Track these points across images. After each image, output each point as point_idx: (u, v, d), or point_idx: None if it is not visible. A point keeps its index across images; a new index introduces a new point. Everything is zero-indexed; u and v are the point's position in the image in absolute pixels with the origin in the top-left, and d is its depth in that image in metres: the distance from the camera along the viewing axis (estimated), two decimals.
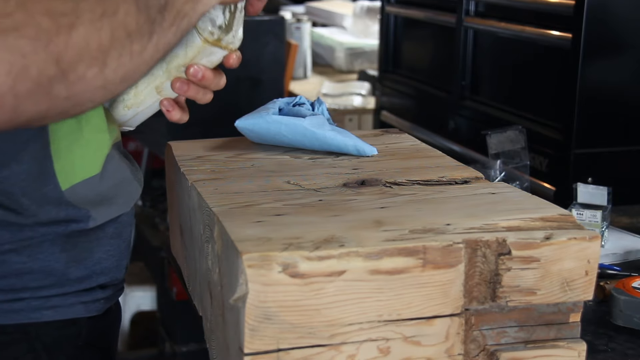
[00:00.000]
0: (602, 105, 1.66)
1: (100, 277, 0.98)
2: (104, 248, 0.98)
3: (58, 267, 0.94)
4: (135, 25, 0.77)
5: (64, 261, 0.94)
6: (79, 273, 0.96)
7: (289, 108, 1.13)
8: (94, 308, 0.98)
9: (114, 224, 0.99)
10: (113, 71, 0.75)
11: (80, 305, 0.96)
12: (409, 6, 2.42)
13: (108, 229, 0.98)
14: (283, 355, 0.75)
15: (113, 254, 1.00)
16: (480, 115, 2.03)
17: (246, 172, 1.03)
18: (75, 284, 0.96)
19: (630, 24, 1.66)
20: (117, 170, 0.99)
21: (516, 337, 0.82)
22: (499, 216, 0.85)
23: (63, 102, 0.73)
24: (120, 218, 1.01)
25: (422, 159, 1.09)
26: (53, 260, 0.93)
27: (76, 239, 0.95)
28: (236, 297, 0.74)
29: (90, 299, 0.97)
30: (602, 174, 1.63)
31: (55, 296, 0.94)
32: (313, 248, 0.75)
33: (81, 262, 0.96)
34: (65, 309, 0.95)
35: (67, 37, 0.70)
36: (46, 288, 0.93)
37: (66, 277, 0.95)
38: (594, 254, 0.82)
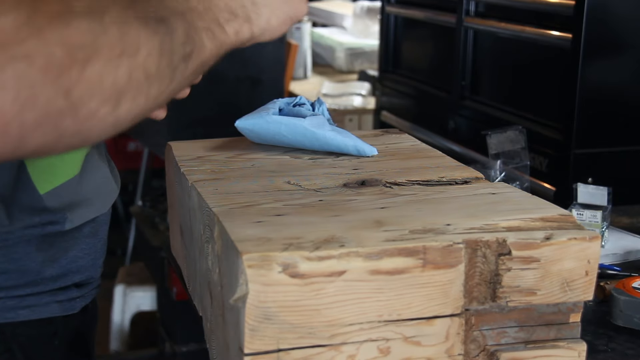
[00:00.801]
0: (602, 105, 1.66)
1: (76, 276, 0.99)
2: (79, 247, 0.99)
3: (33, 267, 0.94)
4: (156, 70, 0.72)
5: (40, 260, 0.95)
6: (54, 272, 0.97)
7: (289, 108, 1.13)
8: (69, 307, 0.99)
9: (90, 223, 1.01)
10: (126, 111, 0.71)
11: (55, 304, 0.97)
12: (409, 6, 2.42)
13: (84, 228, 1.00)
14: (283, 355, 0.75)
15: (89, 253, 1.01)
16: (480, 115, 2.03)
17: (246, 172, 1.02)
18: (50, 282, 0.96)
19: (630, 24, 1.66)
20: (97, 170, 1.00)
21: (516, 337, 0.82)
22: (499, 216, 0.85)
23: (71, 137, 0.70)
24: (97, 218, 1.02)
25: (422, 159, 1.09)
26: (28, 260, 0.94)
27: (52, 239, 0.96)
28: (236, 297, 0.74)
29: (65, 298, 0.98)
30: (602, 174, 1.63)
31: (30, 295, 0.95)
32: (313, 248, 0.75)
33: (56, 261, 0.97)
34: (41, 308, 0.96)
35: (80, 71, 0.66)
36: (21, 287, 0.94)
37: (41, 276, 0.95)
38: (594, 254, 0.82)
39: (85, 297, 1.02)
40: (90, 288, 1.03)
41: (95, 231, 1.02)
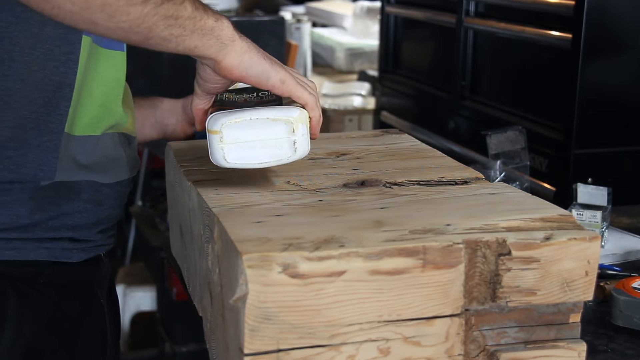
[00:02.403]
0: (602, 105, 1.66)
1: (68, 232, 1.05)
2: (76, 208, 1.05)
3: (23, 213, 1.01)
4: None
5: (29, 209, 1.01)
6: (45, 222, 1.02)
7: None
8: (62, 255, 1.05)
9: (90, 190, 1.05)
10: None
11: (42, 250, 1.03)
12: (409, 6, 2.42)
13: (83, 193, 1.05)
14: (283, 355, 0.75)
15: (86, 217, 1.06)
16: (480, 115, 2.03)
17: (246, 172, 1.03)
18: (39, 231, 1.02)
19: (630, 24, 1.66)
20: (112, 148, 1.07)
21: (516, 337, 0.82)
22: (499, 216, 0.85)
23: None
24: (100, 188, 1.06)
25: (422, 160, 1.09)
26: (18, 206, 1.01)
27: (46, 192, 1.02)
28: (236, 297, 0.74)
29: (55, 247, 1.04)
30: (602, 174, 1.63)
31: (17, 240, 1.01)
32: (313, 248, 0.75)
33: (47, 213, 1.02)
34: (26, 251, 1.02)
35: None
36: (8, 231, 1.01)
37: (30, 224, 1.02)
38: (594, 255, 0.82)
39: (87, 251, 1.07)
40: (90, 245, 1.07)
41: (98, 200, 1.06)
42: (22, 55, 0.97)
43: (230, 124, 0.93)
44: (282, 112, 0.94)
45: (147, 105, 1.34)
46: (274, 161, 0.94)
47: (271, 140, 0.94)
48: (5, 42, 0.96)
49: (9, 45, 0.96)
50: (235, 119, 0.93)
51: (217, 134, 0.93)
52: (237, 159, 0.93)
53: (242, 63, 0.93)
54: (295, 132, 0.93)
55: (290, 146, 0.94)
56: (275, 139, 0.94)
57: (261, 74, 0.94)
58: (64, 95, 1.00)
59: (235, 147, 0.93)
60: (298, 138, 0.93)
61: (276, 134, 0.94)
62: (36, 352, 1.02)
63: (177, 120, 1.34)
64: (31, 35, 0.97)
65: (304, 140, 0.94)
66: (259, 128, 0.93)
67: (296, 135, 0.93)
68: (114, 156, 1.08)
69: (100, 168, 1.06)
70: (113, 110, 1.06)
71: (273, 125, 0.93)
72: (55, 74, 0.99)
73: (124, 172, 1.10)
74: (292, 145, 0.93)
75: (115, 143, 1.08)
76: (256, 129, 0.93)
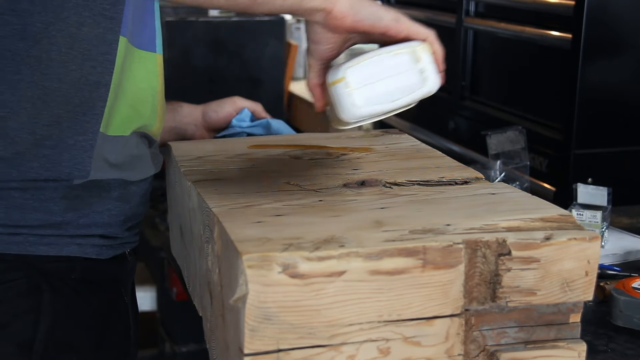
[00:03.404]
0: (602, 105, 1.66)
1: (99, 229, 1.06)
2: (106, 206, 1.06)
3: (56, 211, 1.02)
4: None
5: (63, 207, 1.02)
6: (76, 220, 1.04)
7: None
8: (92, 251, 1.06)
9: (119, 188, 1.06)
10: None
11: (74, 246, 1.04)
12: (409, 6, 2.42)
13: (113, 191, 1.06)
14: (283, 355, 0.75)
15: (116, 214, 1.07)
16: (480, 115, 2.03)
17: (246, 173, 1.03)
18: (71, 228, 1.04)
19: (630, 24, 1.66)
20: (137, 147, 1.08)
21: (516, 337, 0.82)
22: (499, 216, 0.85)
23: None
24: (128, 186, 1.07)
25: (422, 160, 1.09)
26: (52, 204, 1.01)
27: (78, 192, 1.02)
28: (236, 297, 0.74)
29: (86, 243, 1.05)
30: (602, 174, 1.63)
31: (51, 236, 1.03)
32: (313, 248, 0.75)
33: (79, 211, 1.04)
34: (60, 247, 1.03)
35: None
36: (43, 227, 1.02)
37: (63, 221, 1.03)
38: (594, 255, 0.82)
39: (114, 248, 1.08)
40: (119, 242, 1.09)
41: (126, 198, 1.08)
42: (59, 54, 0.97)
43: (354, 67, 0.90)
44: (403, 45, 0.92)
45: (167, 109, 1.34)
46: (406, 96, 0.92)
47: (398, 74, 0.92)
48: (44, 42, 0.96)
49: (48, 44, 0.97)
50: (357, 61, 0.91)
51: (341, 81, 0.90)
52: (368, 103, 0.90)
53: (353, 8, 0.91)
54: (420, 61, 0.92)
55: (418, 76, 0.91)
56: (401, 72, 0.92)
57: (373, 15, 0.92)
58: (101, 95, 1.00)
59: (364, 90, 0.90)
60: (425, 66, 0.92)
61: (402, 66, 0.91)
62: (68, 347, 1.03)
63: (196, 126, 1.35)
64: (69, 35, 0.97)
65: (431, 70, 0.92)
66: (383, 64, 0.91)
67: (422, 64, 0.92)
68: (138, 154, 1.08)
69: (128, 166, 1.07)
70: (142, 112, 1.07)
71: (397, 59, 0.91)
72: (92, 74, 1.00)
73: (149, 168, 1.11)
74: (420, 74, 0.92)
75: (139, 141, 1.09)
76: (381, 66, 0.91)
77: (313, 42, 0.95)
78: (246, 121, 1.33)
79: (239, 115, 1.34)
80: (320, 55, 0.96)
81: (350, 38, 0.97)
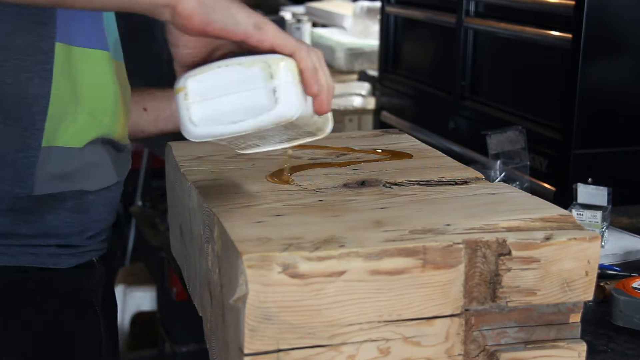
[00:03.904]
0: (602, 105, 1.66)
1: (54, 239, 1.01)
2: (60, 217, 1.00)
3: (4, 223, 0.97)
4: None
5: (10, 218, 0.97)
6: (28, 231, 0.98)
7: None
8: (50, 261, 1.00)
9: (74, 199, 1.01)
10: None
11: (29, 256, 0.99)
12: (409, 6, 2.42)
13: (67, 202, 1.00)
14: (283, 355, 0.75)
15: (72, 225, 1.01)
16: (480, 115, 2.03)
17: (246, 173, 1.02)
18: (23, 238, 0.98)
19: (630, 24, 1.66)
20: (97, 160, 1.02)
21: (516, 337, 0.82)
22: (499, 216, 0.85)
23: None
24: (85, 196, 1.02)
25: (422, 160, 1.09)
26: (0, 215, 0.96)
27: (24, 204, 0.97)
28: (236, 297, 0.74)
29: (42, 252, 1.00)
30: (602, 174, 1.63)
31: (1, 245, 0.97)
32: (313, 248, 0.75)
33: (30, 223, 0.98)
34: (10, 257, 0.98)
35: None
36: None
37: (12, 232, 0.97)
38: (594, 255, 0.82)
39: (77, 256, 1.03)
40: (80, 250, 1.04)
41: (84, 208, 1.02)
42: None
43: (195, 76, 0.78)
44: (258, 57, 0.78)
45: (162, 98, 1.29)
46: (251, 119, 0.77)
47: (245, 91, 0.78)
48: None
49: None
50: (201, 70, 0.79)
51: (181, 91, 0.79)
52: (205, 120, 0.78)
53: (203, 6, 0.78)
54: (274, 78, 0.77)
55: (268, 96, 0.77)
56: (249, 89, 0.78)
57: (229, 18, 0.78)
58: (41, 108, 0.95)
59: (203, 104, 0.78)
60: (279, 85, 0.77)
61: (251, 82, 0.77)
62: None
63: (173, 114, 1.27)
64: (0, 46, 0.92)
65: (288, 90, 0.77)
66: (229, 77, 0.78)
67: (276, 81, 0.77)
68: (96, 162, 1.03)
69: (83, 176, 1.01)
70: (100, 120, 1.01)
71: (246, 72, 0.77)
72: (30, 86, 0.94)
73: (110, 177, 1.05)
74: (272, 94, 0.76)
75: (98, 149, 1.03)
76: (226, 79, 0.78)
77: (171, 44, 0.83)
78: None
79: None
80: (181, 60, 0.83)
81: (218, 45, 0.84)
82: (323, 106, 0.82)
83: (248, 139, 0.84)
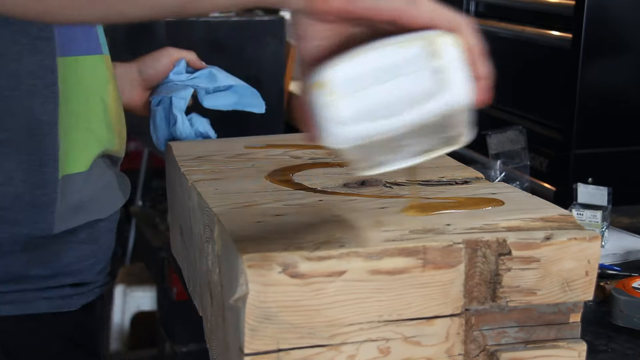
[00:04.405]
0: (602, 105, 1.66)
1: (68, 278, 0.96)
2: (74, 252, 0.96)
3: (17, 266, 0.91)
4: None
5: (25, 260, 0.91)
6: (43, 272, 0.93)
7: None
8: (62, 304, 0.96)
9: (87, 229, 0.97)
10: None
11: (43, 301, 0.94)
12: None
13: (80, 234, 0.96)
14: (283, 355, 0.75)
15: (86, 259, 0.98)
16: (480, 115, 2.03)
17: (246, 172, 1.02)
18: (37, 281, 0.93)
19: (630, 24, 1.66)
20: (102, 175, 0.98)
21: (516, 337, 0.82)
22: (499, 216, 0.85)
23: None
24: (97, 224, 0.98)
25: None
26: (12, 259, 0.90)
27: (41, 241, 0.91)
28: (236, 297, 0.74)
29: (55, 295, 0.95)
30: (602, 174, 1.63)
31: (14, 292, 0.91)
32: (313, 248, 0.75)
33: (45, 264, 0.93)
34: (25, 304, 0.92)
35: None
36: (4, 284, 0.90)
37: (26, 275, 0.92)
38: (594, 254, 0.82)
39: (86, 295, 1.00)
40: (90, 287, 1.01)
41: (95, 238, 0.99)
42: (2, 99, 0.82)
43: (339, 66, 0.63)
44: (414, 34, 0.64)
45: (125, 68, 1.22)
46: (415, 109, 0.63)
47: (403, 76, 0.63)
48: None
49: None
50: (344, 59, 0.64)
51: (322, 87, 0.63)
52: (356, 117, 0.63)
53: None
54: (439, 57, 0.63)
55: (434, 79, 0.63)
56: (409, 73, 0.63)
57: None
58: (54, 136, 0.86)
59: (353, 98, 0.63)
60: (445, 65, 0.63)
61: (409, 65, 0.63)
62: None
63: (133, 86, 1.20)
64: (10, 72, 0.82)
65: (456, 71, 0.64)
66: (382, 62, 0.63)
67: (441, 61, 0.63)
68: (104, 184, 0.98)
69: (95, 202, 0.96)
70: (98, 134, 0.95)
71: (403, 54, 0.63)
72: (44, 113, 0.85)
73: (119, 198, 1.02)
74: (438, 76, 0.63)
75: (102, 167, 0.99)
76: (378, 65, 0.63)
77: (299, 38, 0.69)
78: (183, 73, 1.25)
79: (175, 69, 1.24)
80: (309, 55, 0.68)
81: (353, 34, 0.68)
82: (486, 94, 0.70)
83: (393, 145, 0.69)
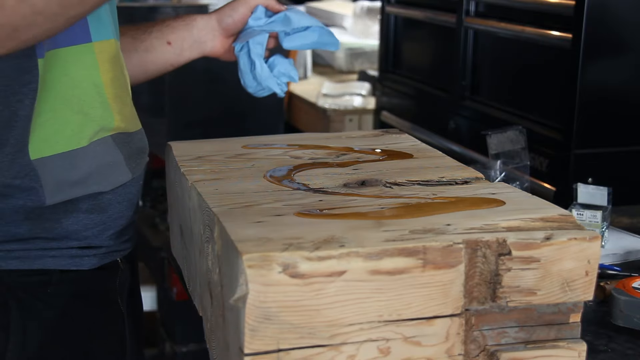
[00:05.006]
0: (602, 105, 1.66)
1: (74, 242, 1.01)
2: (78, 220, 1.00)
3: (21, 231, 0.97)
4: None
5: (27, 227, 0.97)
6: (46, 235, 0.98)
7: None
8: (71, 263, 1.00)
9: (90, 200, 1.01)
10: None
11: (49, 259, 0.99)
12: (409, 6, 2.42)
13: (81, 204, 1.00)
14: (283, 355, 0.75)
15: (93, 226, 1.02)
16: (480, 115, 2.03)
17: (246, 172, 1.02)
18: (42, 242, 0.99)
19: (630, 24, 1.66)
20: (106, 154, 1.02)
21: (516, 337, 0.82)
22: (499, 216, 0.85)
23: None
24: (100, 196, 1.02)
25: (422, 159, 1.09)
26: (14, 226, 0.97)
27: (40, 211, 0.97)
28: (236, 297, 0.74)
29: (61, 255, 1.00)
30: (602, 174, 1.63)
31: (19, 250, 0.98)
32: (313, 248, 0.75)
33: (47, 230, 0.98)
34: (31, 260, 0.98)
35: None
36: (8, 243, 0.97)
37: (32, 237, 0.98)
38: (594, 254, 0.82)
39: (100, 257, 1.03)
40: (103, 251, 1.04)
41: (102, 208, 1.02)
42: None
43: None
44: None
45: (182, 27, 1.28)
46: None
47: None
48: None
49: None
50: None
51: None
52: None
53: None
54: None
55: None
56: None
57: None
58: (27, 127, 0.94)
59: None
60: None
61: None
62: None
63: (214, 35, 1.28)
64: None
65: None
66: None
67: None
68: (110, 161, 1.03)
69: (96, 178, 1.01)
70: (92, 115, 1.01)
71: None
72: (21, 109, 0.94)
73: (124, 175, 1.05)
74: None
75: (109, 147, 1.03)
76: None
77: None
78: (262, 18, 1.28)
79: (254, 15, 1.28)
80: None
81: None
82: None
83: None
